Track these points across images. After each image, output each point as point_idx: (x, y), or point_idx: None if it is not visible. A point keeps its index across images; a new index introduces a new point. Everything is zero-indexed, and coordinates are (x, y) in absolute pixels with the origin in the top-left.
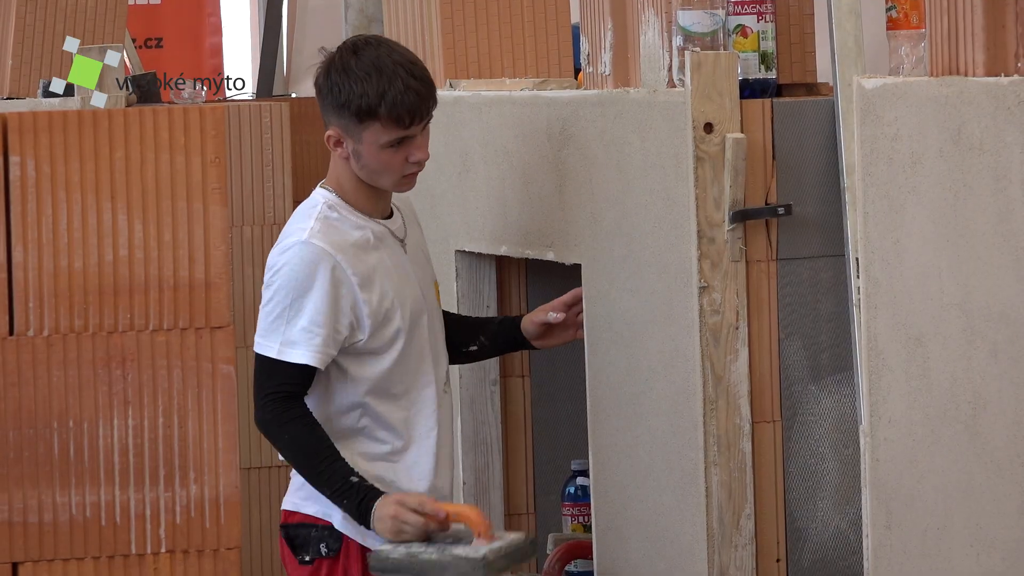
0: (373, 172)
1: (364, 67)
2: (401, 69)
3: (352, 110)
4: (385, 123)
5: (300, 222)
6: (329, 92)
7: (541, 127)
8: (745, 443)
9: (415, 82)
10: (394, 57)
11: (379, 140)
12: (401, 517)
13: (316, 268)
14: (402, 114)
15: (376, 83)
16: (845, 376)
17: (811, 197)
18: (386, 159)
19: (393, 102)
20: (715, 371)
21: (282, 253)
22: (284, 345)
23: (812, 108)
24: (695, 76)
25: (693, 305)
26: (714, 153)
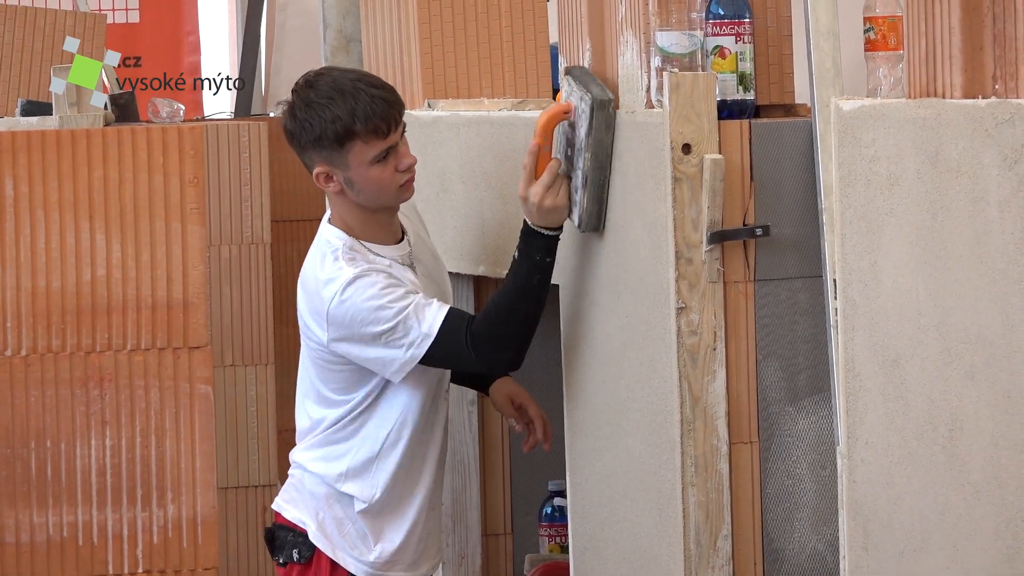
0: (371, 194)
1: (325, 94)
2: (360, 83)
3: (330, 138)
4: (365, 138)
5: (329, 266)
6: (302, 131)
7: (519, 147)
8: (722, 464)
9: (378, 91)
10: (349, 76)
11: (365, 158)
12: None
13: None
14: (378, 124)
15: (342, 104)
16: (822, 397)
17: (789, 218)
18: (377, 175)
19: (366, 115)
20: (692, 392)
21: (342, 303)
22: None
23: (790, 129)
24: (673, 97)
25: (671, 326)
26: (692, 174)
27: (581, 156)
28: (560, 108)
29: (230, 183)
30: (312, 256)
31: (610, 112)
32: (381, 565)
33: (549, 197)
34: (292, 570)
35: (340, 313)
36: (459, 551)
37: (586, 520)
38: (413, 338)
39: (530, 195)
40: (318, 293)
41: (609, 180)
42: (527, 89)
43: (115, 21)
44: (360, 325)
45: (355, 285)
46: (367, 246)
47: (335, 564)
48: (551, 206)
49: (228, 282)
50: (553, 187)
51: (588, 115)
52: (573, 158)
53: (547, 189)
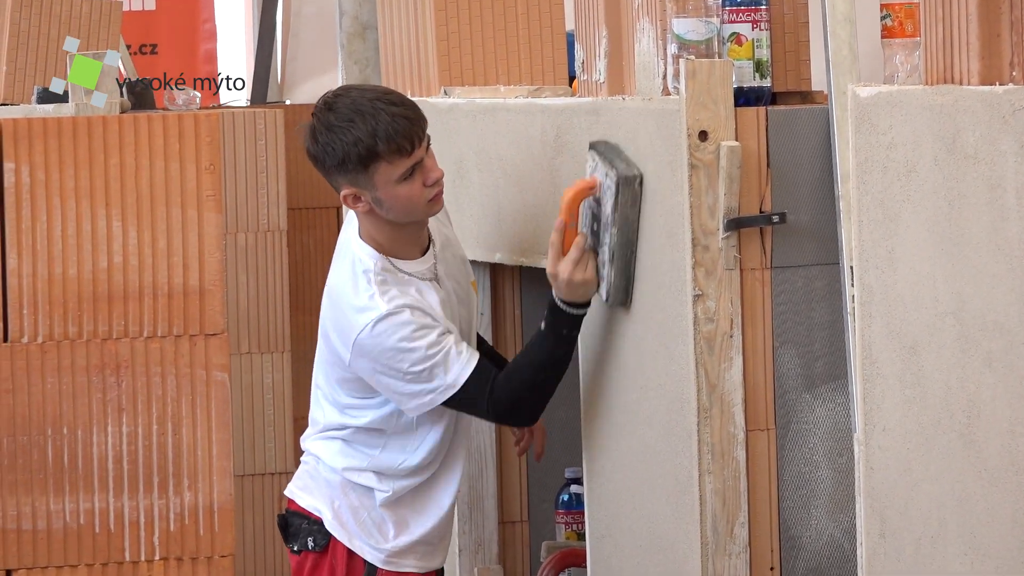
0: (400, 211)
1: (345, 116)
2: (380, 103)
3: (354, 161)
4: (389, 158)
5: (363, 292)
6: (325, 155)
7: (535, 135)
8: (739, 451)
9: (399, 108)
10: (367, 95)
11: (391, 177)
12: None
13: (416, 318)
14: (401, 142)
15: (363, 125)
16: (839, 384)
17: (805, 205)
18: (406, 193)
19: (387, 134)
20: (709, 379)
21: (372, 337)
22: (455, 376)
23: (807, 116)
24: (690, 84)
25: (687, 313)
26: (709, 161)
27: (607, 232)
28: (585, 184)
29: (246, 170)
30: (341, 271)
31: (636, 189)
32: (399, 552)
33: (578, 272)
34: (307, 558)
35: (369, 346)
36: (476, 538)
37: (603, 507)
38: (437, 385)
39: (559, 271)
40: (348, 317)
41: (636, 254)
42: (543, 76)
43: (131, 8)
44: (387, 360)
45: (387, 322)
46: (395, 264)
47: (351, 552)
48: (580, 281)
49: (244, 269)
50: (581, 262)
51: (614, 192)
52: (599, 232)
53: (576, 265)
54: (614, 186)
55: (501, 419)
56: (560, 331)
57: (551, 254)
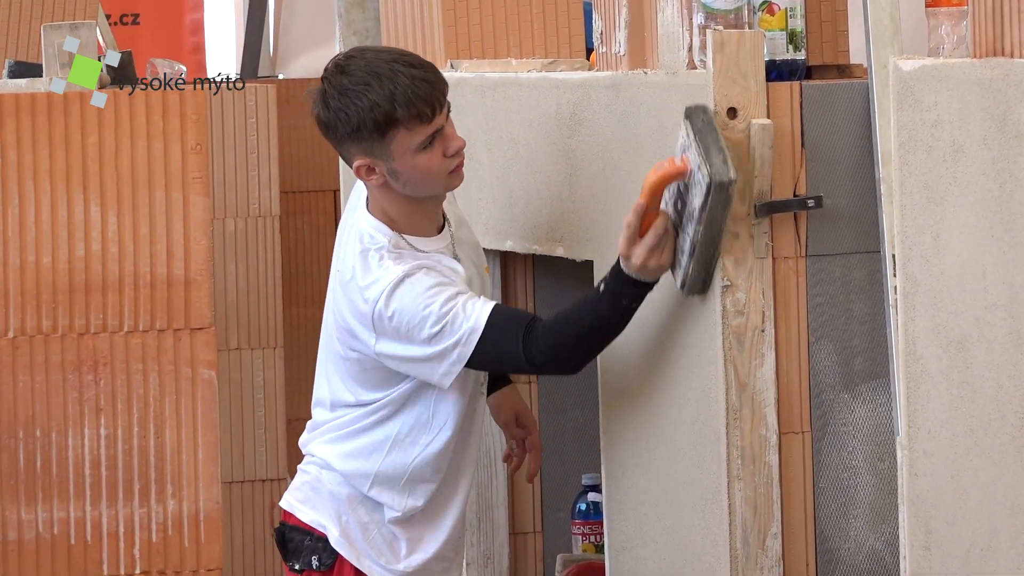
0: (418, 183)
1: (360, 80)
2: (398, 65)
3: (369, 128)
4: (408, 124)
5: (375, 267)
6: (338, 122)
7: (550, 112)
8: (772, 456)
9: (418, 71)
10: (383, 57)
11: (410, 146)
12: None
13: (431, 277)
14: (421, 107)
15: (379, 89)
16: (880, 383)
17: (843, 188)
18: (424, 163)
19: (407, 99)
20: (739, 377)
21: (388, 305)
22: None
23: (844, 92)
24: (718, 57)
25: (715, 306)
26: (738, 140)
27: (692, 223)
28: (675, 170)
29: (235, 151)
30: (350, 250)
31: (729, 193)
32: (413, 572)
33: (653, 258)
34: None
35: (387, 315)
36: (484, 551)
37: (623, 517)
38: (460, 335)
39: (633, 255)
40: (361, 295)
41: (719, 251)
42: (559, 48)
43: None
44: (407, 327)
45: (404, 285)
46: (409, 240)
47: (359, 573)
48: (656, 266)
49: (233, 258)
50: (658, 248)
51: (704, 191)
52: (682, 215)
53: (651, 251)
54: (705, 187)
55: (536, 363)
56: (620, 300)
57: (625, 235)
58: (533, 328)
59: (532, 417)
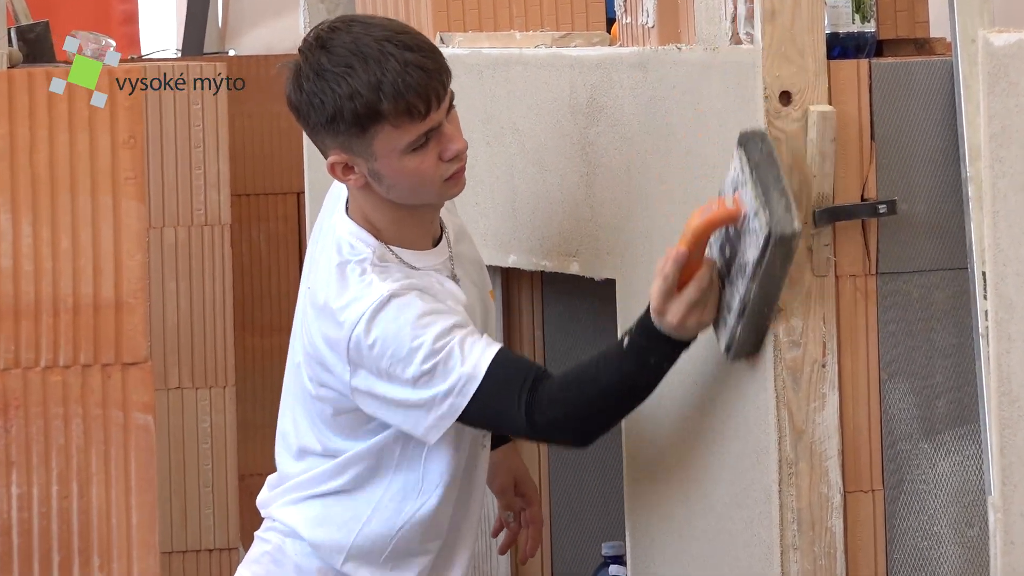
0: (405, 190)
1: (341, 60)
2: (389, 44)
3: (348, 120)
4: (395, 121)
5: (355, 283)
6: (310, 108)
7: (563, 97)
8: (835, 520)
9: (413, 54)
10: (374, 33)
11: (397, 146)
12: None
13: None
14: (412, 101)
15: (363, 73)
16: (968, 430)
17: (922, 191)
18: (414, 167)
19: (395, 89)
20: (795, 423)
21: (368, 332)
22: (474, 362)
23: (923, 72)
24: (768, 29)
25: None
26: (793, 132)
27: (743, 278)
28: (725, 214)
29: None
30: (324, 262)
31: (792, 247)
32: None
33: (694, 316)
34: None
35: (367, 343)
36: None
37: None
38: (455, 380)
39: (668, 311)
40: (336, 317)
41: (774, 311)
42: (572, 19)
43: None
44: (390, 361)
45: (390, 308)
46: (398, 253)
47: None
48: (695, 325)
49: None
50: (700, 303)
51: (762, 243)
52: (731, 267)
53: (692, 308)
54: (763, 239)
55: (539, 429)
56: (648, 359)
57: (659, 286)
58: (540, 385)
59: (534, 485)
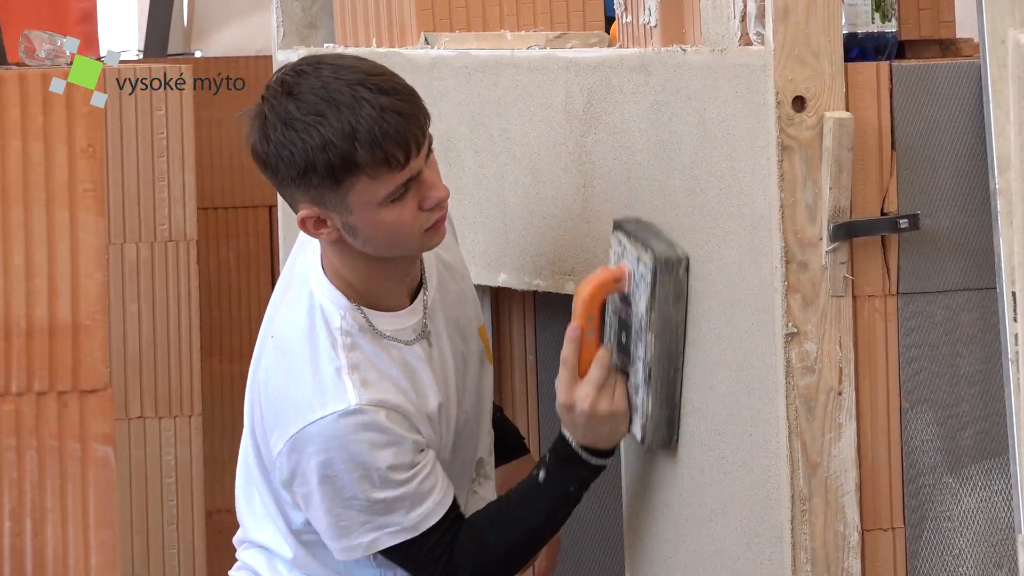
0: (382, 243)
1: (311, 108)
2: (362, 88)
3: (320, 173)
4: (372, 172)
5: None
6: (279, 160)
7: (557, 102)
8: (852, 560)
9: (389, 98)
10: (345, 76)
11: (373, 199)
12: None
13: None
14: (390, 149)
15: (335, 121)
16: (996, 463)
17: (947, 204)
18: (393, 219)
19: (371, 137)
20: (808, 456)
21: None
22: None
23: (948, 75)
24: (780, 28)
25: (777, 360)
26: (807, 140)
27: (641, 341)
28: (608, 276)
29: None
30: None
31: (680, 276)
32: None
33: (604, 400)
34: None
35: (315, 447)
36: None
37: None
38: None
39: (576, 400)
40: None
41: (682, 371)
42: (568, 18)
43: None
44: (330, 472)
45: (351, 420)
46: (371, 319)
47: None
48: (606, 413)
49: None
50: (607, 387)
51: (649, 283)
52: (629, 346)
53: (599, 390)
54: (649, 274)
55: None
56: (567, 486)
57: (563, 375)
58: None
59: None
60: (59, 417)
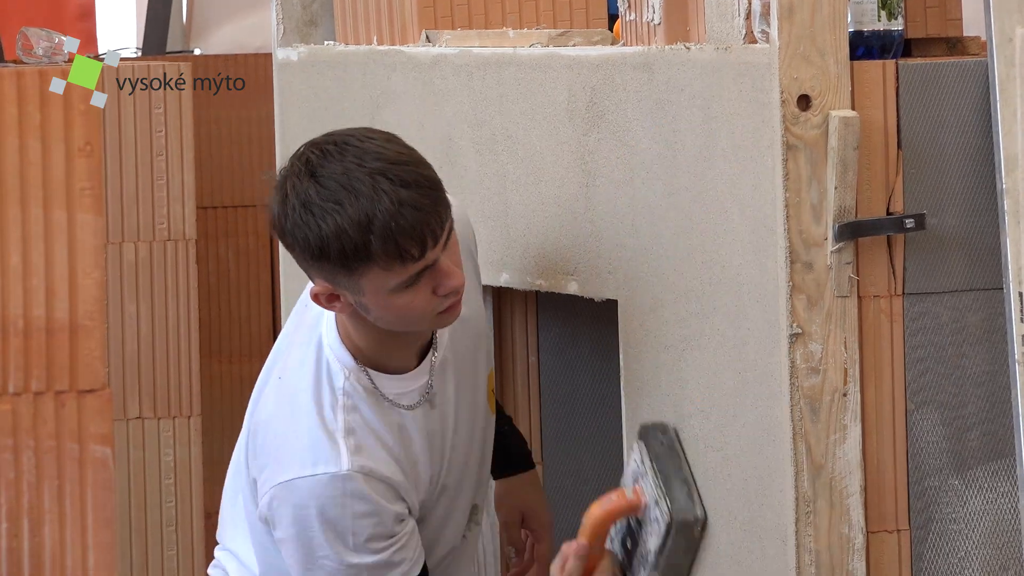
0: (395, 323)
1: (330, 194)
2: (383, 180)
3: (333, 258)
4: (384, 263)
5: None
6: (295, 239)
7: (560, 100)
8: (856, 562)
9: (409, 192)
10: (368, 163)
11: (385, 286)
12: None
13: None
14: (404, 244)
15: (353, 211)
16: (1003, 465)
17: (953, 204)
18: (404, 304)
19: (385, 231)
20: (813, 457)
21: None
22: None
23: (955, 74)
24: (785, 27)
25: (780, 361)
26: (813, 139)
27: (645, 569)
28: (623, 505)
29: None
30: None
31: (695, 534)
32: None
33: None
34: None
35: (292, 502)
36: None
37: None
38: None
39: None
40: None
41: None
42: (571, 16)
43: None
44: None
45: (339, 484)
46: (376, 382)
47: None
48: None
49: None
50: None
51: (663, 531)
52: (633, 559)
53: None
54: (664, 527)
55: None
56: None
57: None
58: None
59: (547, 520)
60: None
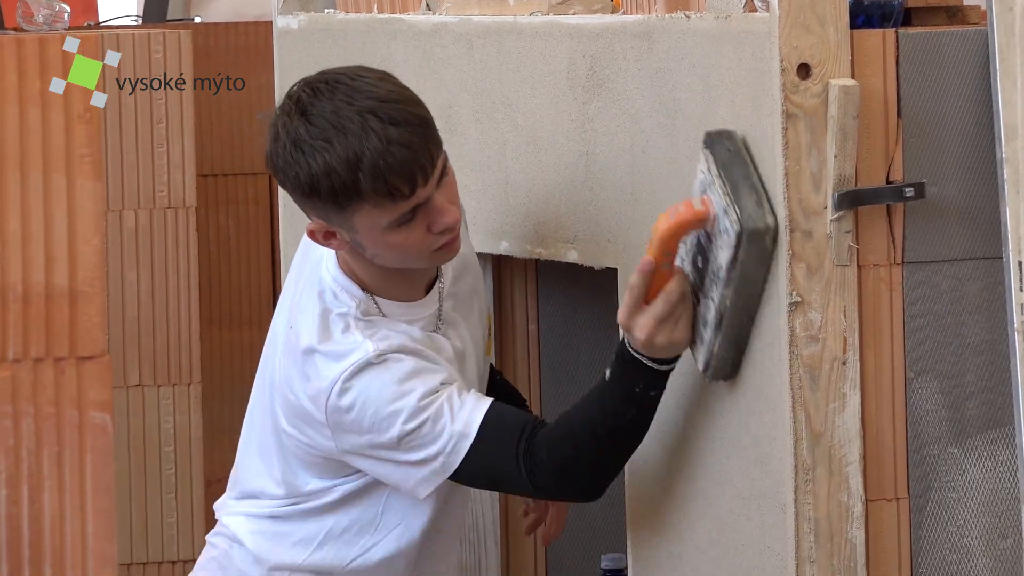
0: (391, 260)
1: (319, 131)
2: (372, 118)
3: (324, 196)
4: (375, 200)
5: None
6: (286, 177)
7: (560, 69)
8: (856, 531)
9: (398, 129)
10: (358, 102)
11: (378, 224)
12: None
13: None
14: (394, 182)
15: (341, 149)
16: (1002, 434)
17: (953, 173)
18: (399, 242)
19: (374, 169)
20: (812, 425)
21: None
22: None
23: (955, 43)
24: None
25: (780, 329)
26: (812, 107)
27: (717, 286)
28: (692, 216)
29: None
30: (307, 302)
31: (767, 246)
32: None
33: (663, 333)
34: None
35: (344, 406)
36: None
37: None
38: (445, 441)
39: (635, 327)
40: (319, 371)
41: (754, 321)
42: None
43: None
44: (371, 421)
45: (370, 369)
46: (382, 306)
47: None
48: (665, 343)
49: (135, 264)
50: (670, 319)
51: (734, 243)
52: (704, 278)
53: (660, 323)
54: (735, 238)
55: (543, 487)
56: (631, 387)
57: (626, 300)
58: (535, 437)
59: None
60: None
